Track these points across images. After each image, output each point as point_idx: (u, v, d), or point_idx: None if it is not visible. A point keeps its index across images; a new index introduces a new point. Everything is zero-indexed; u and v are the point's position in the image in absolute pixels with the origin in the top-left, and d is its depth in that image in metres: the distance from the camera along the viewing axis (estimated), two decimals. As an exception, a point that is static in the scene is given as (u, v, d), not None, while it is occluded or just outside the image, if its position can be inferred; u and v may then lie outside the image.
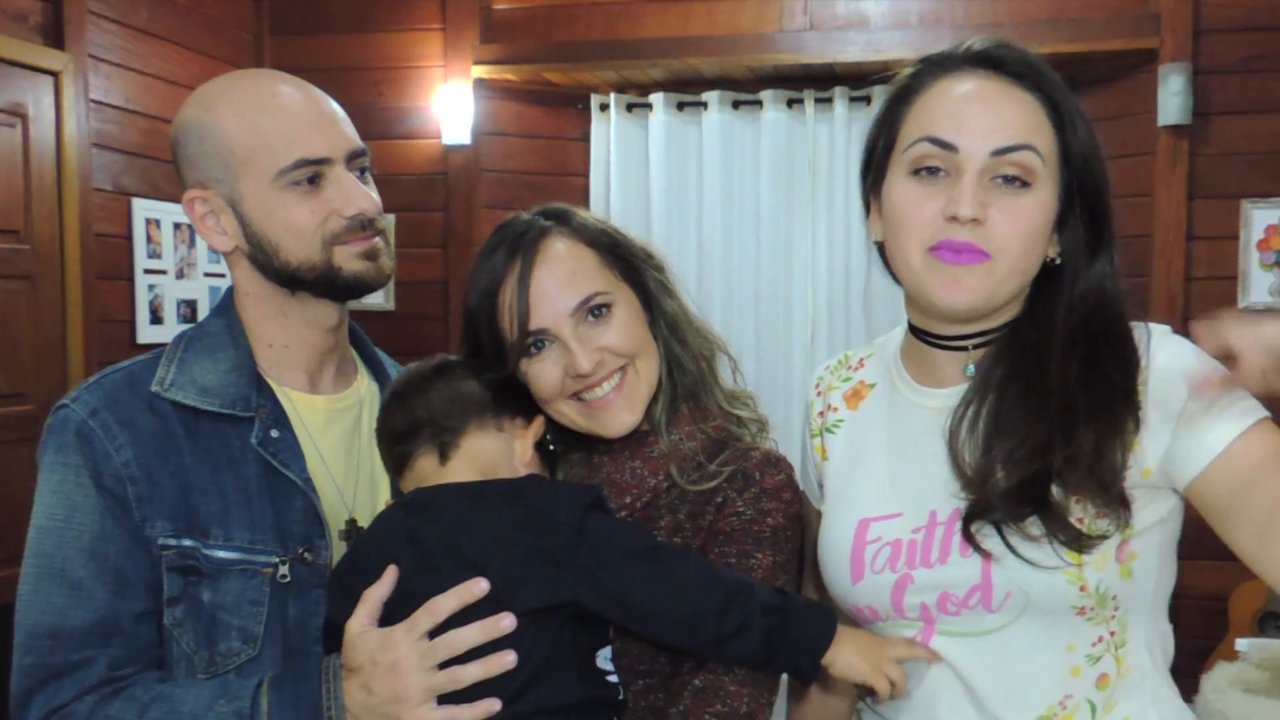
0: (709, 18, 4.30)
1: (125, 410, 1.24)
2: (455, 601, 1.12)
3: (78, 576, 1.20)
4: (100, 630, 1.19)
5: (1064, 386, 1.13)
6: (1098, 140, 1.18)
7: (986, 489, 1.12)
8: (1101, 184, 1.17)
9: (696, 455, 1.28)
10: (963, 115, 1.13)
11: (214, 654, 1.22)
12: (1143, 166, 3.98)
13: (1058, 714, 1.13)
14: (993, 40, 1.18)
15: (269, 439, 1.27)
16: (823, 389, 1.37)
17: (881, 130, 1.21)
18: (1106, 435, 1.10)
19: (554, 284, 1.26)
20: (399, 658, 1.11)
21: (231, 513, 1.24)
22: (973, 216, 1.10)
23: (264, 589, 1.24)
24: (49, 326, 3.51)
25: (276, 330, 1.33)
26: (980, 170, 1.12)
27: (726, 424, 1.33)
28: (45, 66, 3.45)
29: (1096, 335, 1.16)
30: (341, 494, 1.34)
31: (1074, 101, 1.17)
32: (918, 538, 1.16)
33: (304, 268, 1.28)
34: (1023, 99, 1.14)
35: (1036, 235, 1.14)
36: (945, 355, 1.22)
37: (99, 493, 1.21)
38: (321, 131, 1.28)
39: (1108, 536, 1.10)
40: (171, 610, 1.22)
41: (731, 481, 1.27)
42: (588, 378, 1.25)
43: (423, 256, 4.44)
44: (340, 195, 1.27)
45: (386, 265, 1.33)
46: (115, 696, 1.18)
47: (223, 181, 1.28)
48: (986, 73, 1.15)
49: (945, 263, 1.13)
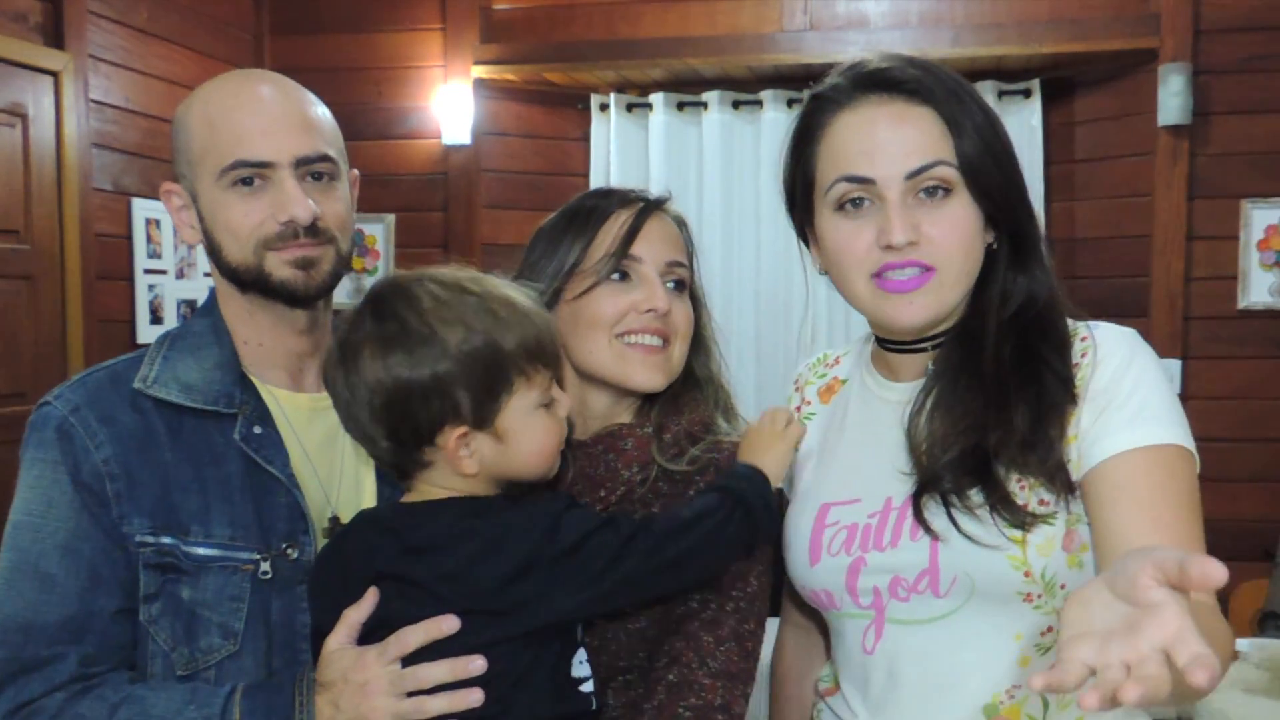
0: (709, 18, 4.30)
1: (106, 407, 1.25)
2: (423, 635, 1.12)
3: (51, 572, 1.20)
4: (72, 626, 1.20)
5: (997, 368, 1.17)
6: (1000, 136, 1.19)
7: (932, 463, 1.16)
8: (1001, 186, 1.18)
9: (678, 442, 1.30)
10: (868, 147, 1.17)
11: (194, 650, 1.23)
12: (1143, 166, 3.98)
13: (1004, 702, 1.15)
14: (881, 58, 1.21)
15: (252, 435, 1.28)
16: (800, 384, 1.42)
17: (796, 170, 1.26)
18: (1040, 411, 1.13)
19: (660, 236, 1.32)
20: (369, 679, 1.12)
21: (212, 509, 1.24)
22: (906, 241, 1.15)
23: (244, 585, 1.24)
24: (49, 326, 3.51)
25: (249, 329, 1.33)
26: (900, 194, 1.16)
27: (710, 420, 1.35)
28: (45, 66, 3.45)
29: (1029, 322, 1.20)
30: (325, 491, 1.34)
31: (970, 101, 1.18)
32: (873, 522, 1.20)
33: (240, 269, 1.28)
34: (919, 114, 1.17)
35: (971, 238, 1.18)
36: (906, 357, 1.27)
37: (76, 490, 1.22)
38: (268, 135, 1.26)
39: (1051, 517, 1.11)
40: (148, 607, 1.23)
41: (704, 474, 1.28)
42: (653, 317, 1.29)
43: (423, 256, 4.43)
44: (276, 200, 1.26)
45: (318, 275, 1.29)
46: (85, 694, 1.18)
47: (186, 177, 1.30)
48: (879, 96, 1.18)
49: (891, 292, 1.17)
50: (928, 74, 1.18)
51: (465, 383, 1.13)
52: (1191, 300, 3.96)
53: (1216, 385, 3.94)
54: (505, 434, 1.16)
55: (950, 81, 1.19)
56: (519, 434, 1.16)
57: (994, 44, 4.02)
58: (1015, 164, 1.21)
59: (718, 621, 1.22)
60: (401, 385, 1.13)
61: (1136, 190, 4.00)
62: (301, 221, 1.26)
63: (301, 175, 1.28)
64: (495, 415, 1.15)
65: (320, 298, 1.31)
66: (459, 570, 1.12)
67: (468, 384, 1.13)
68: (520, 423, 1.16)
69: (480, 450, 1.16)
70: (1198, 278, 3.96)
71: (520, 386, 1.16)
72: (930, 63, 1.21)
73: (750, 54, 4.22)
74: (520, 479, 1.20)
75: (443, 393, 1.12)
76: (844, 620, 1.24)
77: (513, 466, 1.18)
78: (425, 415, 1.13)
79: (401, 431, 1.15)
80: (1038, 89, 4.12)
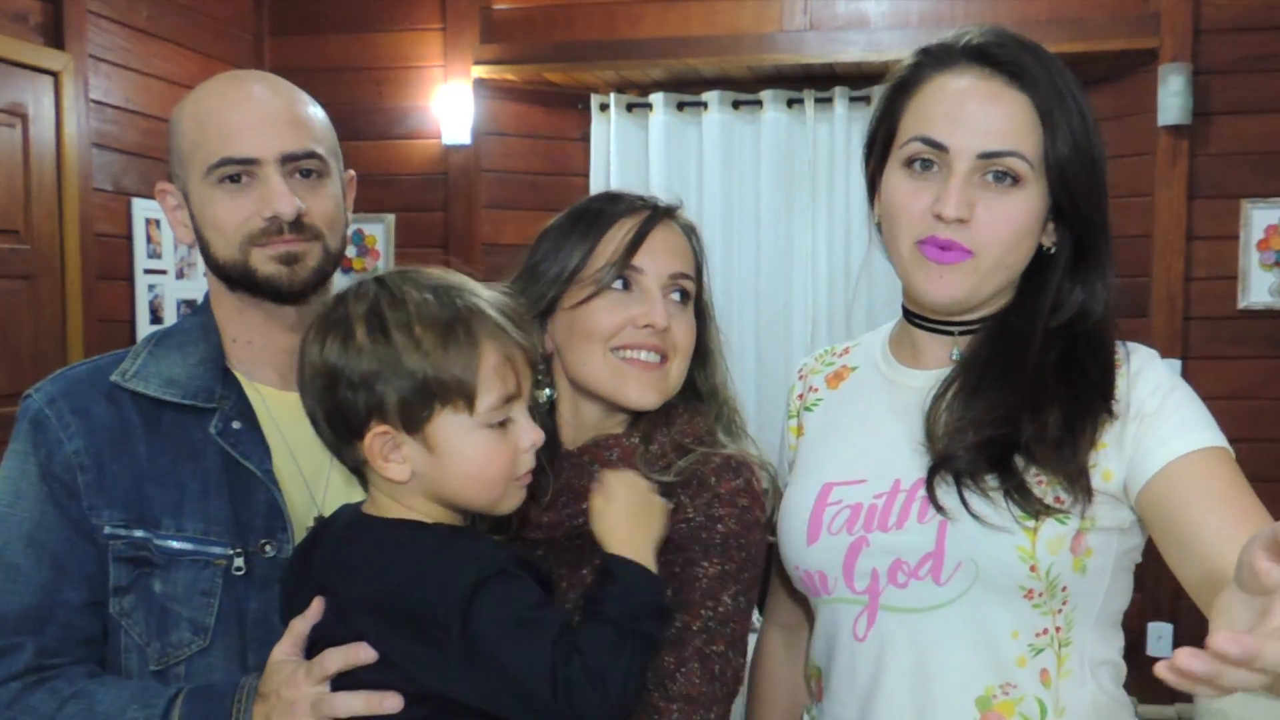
0: (709, 18, 4.30)
1: (80, 399, 1.26)
2: (341, 661, 1.09)
3: (16, 562, 1.21)
4: (34, 617, 1.20)
5: (1040, 369, 1.16)
6: (1094, 145, 1.18)
7: (951, 444, 1.15)
8: (1083, 193, 1.17)
9: (665, 453, 1.26)
10: (954, 115, 1.16)
11: (165, 645, 1.23)
12: (1143, 166, 3.98)
13: (998, 696, 1.14)
14: (992, 33, 1.19)
15: (229, 430, 1.28)
16: (805, 373, 1.41)
17: (882, 121, 1.24)
18: (1075, 418, 1.13)
19: (665, 247, 1.28)
20: (297, 698, 1.10)
21: (186, 504, 1.25)
22: (957, 217, 1.14)
23: (216, 580, 1.24)
24: (49, 326, 3.51)
25: (239, 326, 1.34)
26: (968, 170, 1.15)
27: (705, 433, 1.30)
28: (45, 66, 3.45)
29: (1078, 334, 1.19)
30: (311, 490, 1.33)
31: (1072, 102, 1.16)
32: (878, 503, 1.19)
33: (227, 265, 1.29)
34: (1014, 100, 1.16)
35: (1022, 233, 1.17)
36: (931, 338, 1.25)
37: (44, 480, 1.23)
38: (254, 132, 1.27)
39: (1065, 516, 1.11)
40: (119, 600, 1.23)
41: (686, 486, 1.23)
42: (651, 332, 1.24)
43: (423, 257, 4.42)
44: (261, 197, 1.27)
45: (302, 271, 1.28)
46: (39, 686, 1.19)
47: (178, 176, 1.31)
48: (981, 70, 1.17)
49: (930, 259, 1.16)
50: (1037, 62, 1.17)
51: (394, 384, 1.08)
52: (1191, 300, 3.96)
53: (1216, 385, 3.94)
54: (436, 446, 1.09)
55: (1058, 75, 1.17)
56: (453, 450, 1.09)
57: (994, 44, 4.01)
58: (1100, 173, 1.19)
59: (681, 641, 1.15)
60: (332, 370, 1.10)
61: (1136, 190, 4.00)
62: (285, 217, 1.26)
63: (289, 172, 1.28)
64: (424, 423, 1.09)
65: (307, 294, 1.30)
66: (367, 600, 1.08)
67: (396, 386, 1.08)
68: (456, 438, 1.09)
69: (412, 459, 1.10)
70: (1198, 278, 3.96)
71: (455, 406, 1.09)
72: (1045, 53, 1.18)
73: (750, 54, 4.22)
74: (460, 504, 1.13)
75: (369, 387, 1.08)
76: (835, 606, 1.22)
77: (448, 486, 1.11)
78: (353, 407, 1.09)
79: (334, 419, 1.12)
80: (1038, 89, 4.11)
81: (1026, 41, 1.19)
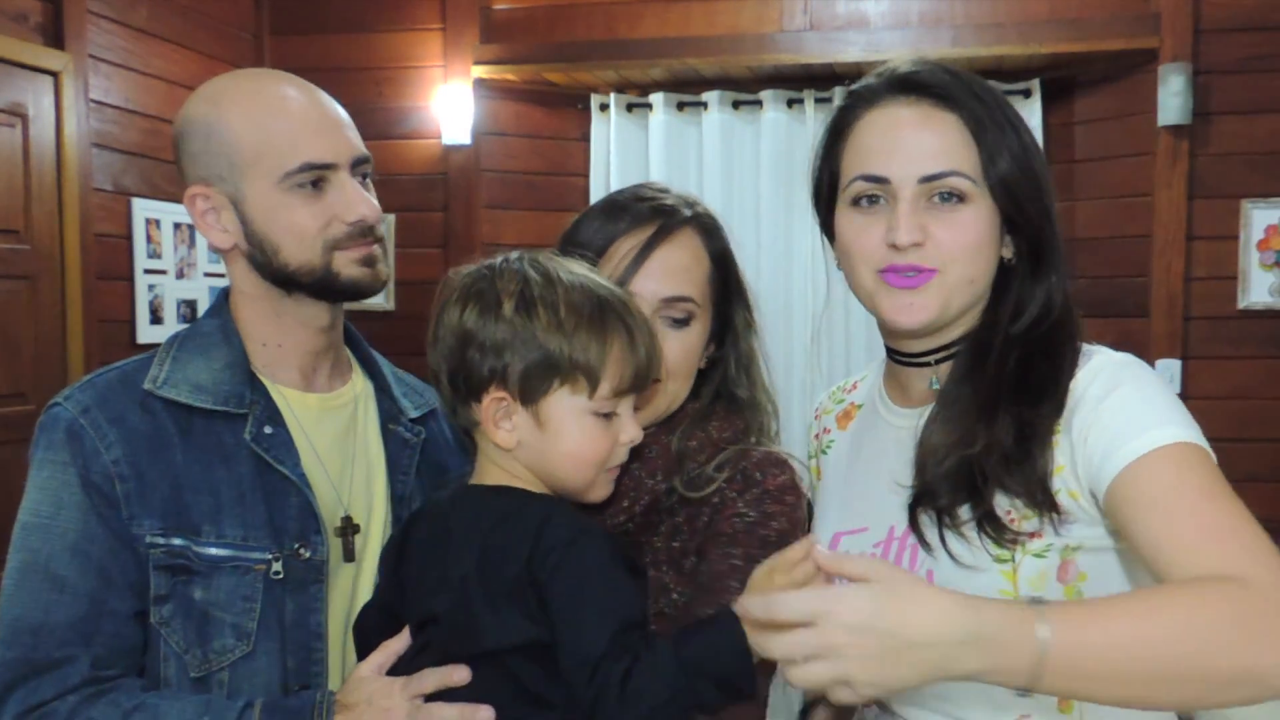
0: (709, 18, 4.30)
1: (116, 408, 1.25)
2: (437, 681, 1.13)
3: (62, 574, 1.20)
4: (83, 628, 1.19)
5: (996, 380, 1.16)
6: (1029, 152, 1.18)
7: (928, 477, 1.15)
8: (1028, 200, 1.18)
9: (697, 456, 1.28)
10: (889, 147, 1.18)
11: (207, 652, 1.23)
12: (1143, 166, 3.98)
13: None
14: (913, 63, 1.21)
15: (262, 435, 1.28)
16: (820, 413, 1.44)
17: (824, 168, 1.27)
18: (1026, 427, 1.12)
19: (663, 270, 1.27)
20: (392, 706, 1.13)
21: (224, 510, 1.24)
22: (911, 241, 1.15)
23: (257, 585, 1.24)
24: (49, 326, 3.51)
25: (270, 329, 1.34)
26: (913, 196, 1.16)
27: (740, 435, 1.32)
28: (45, 66, 3.45)
29: (1038, 337, 1.19)
30: (337, 491, 1.34)
31: (1000, 114, 1.18)
32: (877, 551, 1.20)
33: (302, 270, 1.29)
34: (944, 120, 1.17)
35: (981, 244, 1.18)
36: (914, 372, 1.26)
37: (85, 491, 1.22)
38: (327, 136, 1.29)
39: (1044, 550, 1.09)
40: (159, 609, 1.22)
41: (731, 482, 1.26)
42: None
43: (422, 257, 4.44)
44: (343, 201, 1.28)
45: (383, 271, 1.34)
46: (98, 699, 1.18)
47: (226, 180, 1.29)
48: (908, 99, 1.19)
49: (894, 286, 1.18)
50: (958, 81, 1.19)
51: (521, 355, 1.14)
52: (1191, 300, 3.96)
53: (1216, 385, 3.94)
54: (546, 421, 1.16)
55: (981, 90, 1.19)
56: (561, 427, 1.16)
57: (994, 44, 4.01)
58: (1039, 175, 1.20)
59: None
60: (467, 333, 1.16)
61: (1136, 190, 4.00)
62: (370, 221, 1.30)
63: (356, 175, 1.31)
64: (540, 396, 1.15)
65: (378, 293, 1.35)
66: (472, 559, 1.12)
67: (524, 357, 1.14)
68: (566, 416, 1.16)
69: (520, 428, 1.16)
70: (1198, 278, 3.96)
71: (575, 387, 1.16)
72: (966, 73, 1.20)
73: (750, 54, 4.22)
74: (556, 481, 1.19)
75: (498, 353, 1.14)
76: None
77: (549, 460, 1.17)
78: (478, 369, 1.16)
79: (456, 377, 1.17)
80: (1038, 89, 4.11)
81: (947, 66, 1.21)
